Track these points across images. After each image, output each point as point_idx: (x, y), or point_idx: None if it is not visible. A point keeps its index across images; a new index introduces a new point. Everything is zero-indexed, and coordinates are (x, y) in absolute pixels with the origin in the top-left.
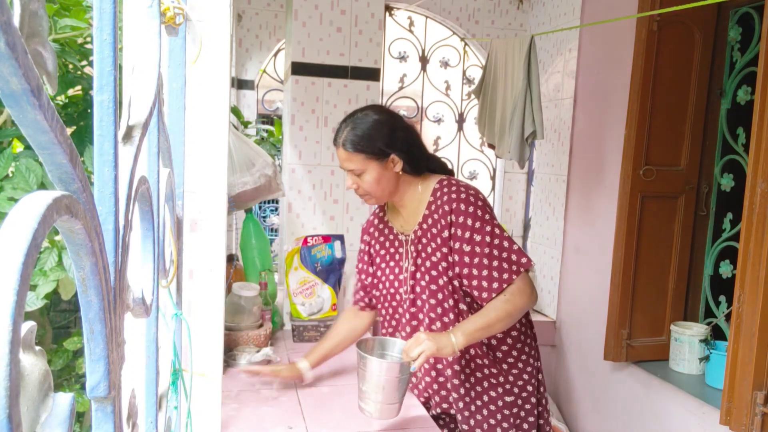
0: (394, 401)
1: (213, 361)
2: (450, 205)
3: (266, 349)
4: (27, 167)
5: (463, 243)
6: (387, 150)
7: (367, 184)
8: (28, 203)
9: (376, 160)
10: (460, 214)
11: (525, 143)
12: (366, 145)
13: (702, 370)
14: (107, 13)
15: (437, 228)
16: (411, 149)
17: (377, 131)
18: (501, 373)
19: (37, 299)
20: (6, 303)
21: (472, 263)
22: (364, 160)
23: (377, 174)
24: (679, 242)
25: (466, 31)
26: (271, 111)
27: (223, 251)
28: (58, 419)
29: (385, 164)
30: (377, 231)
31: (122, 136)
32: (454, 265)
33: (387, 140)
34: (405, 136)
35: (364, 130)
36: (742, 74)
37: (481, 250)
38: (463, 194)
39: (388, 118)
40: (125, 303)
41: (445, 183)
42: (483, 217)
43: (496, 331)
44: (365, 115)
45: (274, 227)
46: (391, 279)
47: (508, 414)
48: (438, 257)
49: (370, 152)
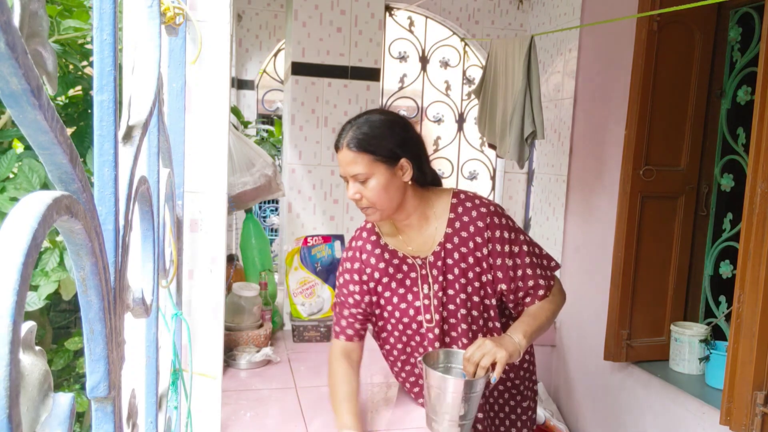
0: (470, 418)
1: (213, 361)
2: (483, 220)
3: (266, 349)
4: (30, 167)
5: (504, 257)
6: (398, 152)
7: (373, 192)
8: (27, 203)
9: (385, 164)
10: (495, 229)
11: (525, 143)
12: (375, 144)
13: (702, 370)
14: (107, 13)
15: (468, 247)
16: (421, 156)
17: (389, 130)
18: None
19: (38, 300)
20: (6, 303)
21: (516, 276)
22: (372, 163)
23: (385, 180)
24: (679, 242)
25: (466, 31)
26: (271, 111)
27: (223, 251)
28: (58, 419)
29: (394, 170)
30: (372, 256)
31: (122, 136)
32: (492, 283)
33: (399, 141)
34: (417, 141)
35: (373, 129)
36: (742, 74)
37: (522, 261)
38: (491, 207)
39: (398, 119)
40: (125, 303)
41: (463, 197)
42: (515, 227)
43: (545, 331)
44: (372, 115)
45: (274, 227)
46: (402, 308)
47: (525, 419)
48: (470, 277)
49: (380, 153)
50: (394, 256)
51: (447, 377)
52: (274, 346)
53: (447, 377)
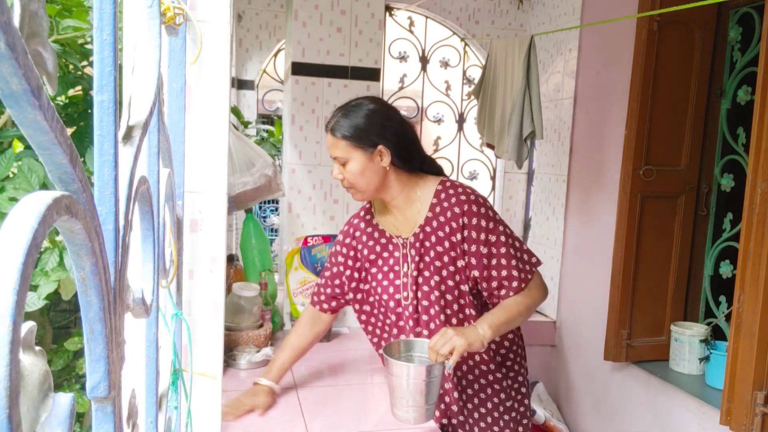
0: (429, 404)
1: (213, 361)
2: (461, 207)
3: (266, 349)
4: (29, 167)
5: (479, 245)
6: (374, 140)
7: (351, 174)
8: (27, 203)
9: (362, 150)
10: (472, 216)
11: (523, 143)
12: (354, 131)
13: (702, 370)
14: (107, 13)
15: (445, 231)
16: (402, 144)
17: (367, 119)
18: (504, 378)
19: (38, 300)
20: (6, 303)
21: (490, 264)
22: (348, 148)
23: (361, 165)
24: (679, 242)
25: (466, 31)
26: (271, 111)
27: (223, 251)
28: (58, 419)
29: (371, 156)
30: (364, 234)
31: (122, 136)
32: (465, 269)
33: (375, 130)
34: (398, 129)
35: (354, 117)
36: (742, 74)
37: (498, 250)
38: (472, 196)
39: (381, 108)
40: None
41: (448, 184)
42: (494, 218)
43: (517, 325)
44: (359, 104)
45: (274, 227)
46: (384, 285)
47: (508, 419)
48: (446, 261)
49: (356, 140)
50: (382, 235)
51: (402, 364)
52: (274, 346)
53: (402, 364)
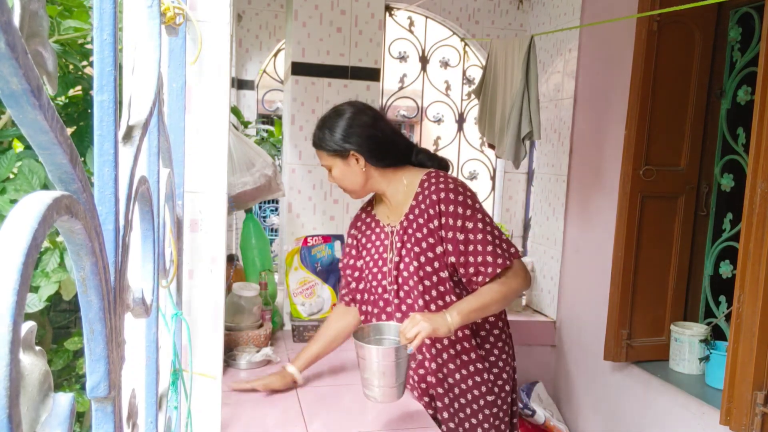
0: (394, 384)
1: (213, 361)
2: (438, 194)
3: (266, 349)
4: (30, 168)
5: (456, 231)
6: (345, 146)
7: (337, 179)
8: (27, 203)
9: (338, 157)
10: (449, 203)
11: (521, 143)
12: (325, 142)
13: (702, 370)
14: (107, 13)
15: (424, 218)
16: (374, 145)
17: (332, 129)
18: (485, 370)
19: (39, 301)
20: (6, 303)
21: (467, 250)
22: (327, 157)
23: (341, 170)
24: (679, 242)
25: (466, 31)
26: (271, 111)
27: (223, 251)
28: (58, 419)
29: (347, 160)
30: (364, 225)
31: (122, 136)
32: (444, 255)
33: (342, 137)
34: (366, 132)
35: (324, 129)
36: (742, 74)
37: (474, 237)
38: (451, 185)
39: (352, 114)
40: (125, 303)
41: (433, 175)
42: (473, 206)
43: (491, 312)
44: (329, 115)
45: (274, 227)
46: (374, 271)
47: (489, 414)
48: (424, 247)
49: (329, 150)
50: (377, 224)
51: (369, 347)
52: (274, 346)
53: (369, 347)
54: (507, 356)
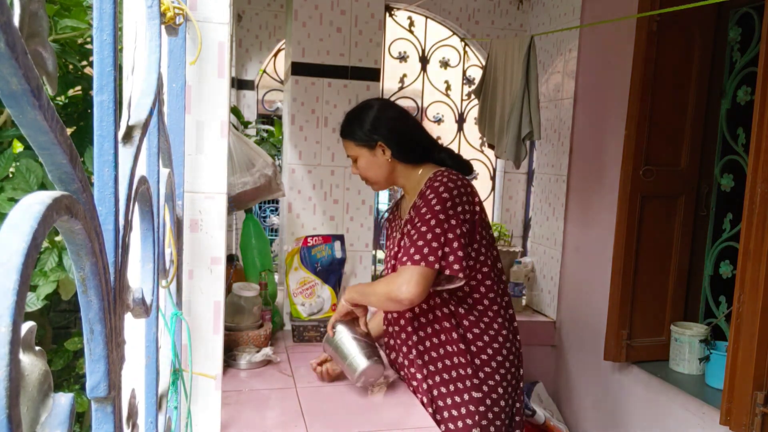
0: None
1: (213, 361)
2: (424, 191)
3: (266, 349)
4: (27, 168)
5: (407, 224)
6: (373, 137)
7: (362, 169)
8: (27, 203)
9: (365, 147)
10: (422, 202)
11: (522, 143)
12: (353, 132)
13: (702, 370)
14: (107, 13)
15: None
16: (401, 138)
17: (363, 120)
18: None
19: (37, 300)
20: (6, 303)
21: (401, 244)
22: (354, 147)
23: (367, 160)
24: (679, 242)
25: (466, 31)
26: (271, 111)
27: (223, 251)
28: (58, 419)
29: (374, 151)
30: (392, 215)
31: (122, 136)
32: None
33: (371, 128)
34: (393, 125)
35: (351, 119)
36: (742, 74)
37: (416, 232)
38: (442, 187)
39: (380, 107)
40: (125, 303)
41: (439, 174)
42: (444, 210)
43: (371, 302)
44: (361, 107)
45: (274, 227)
46: (385, 260)
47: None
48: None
49: (357, 139)
50: (397, 216)
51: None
52: (274, 346)
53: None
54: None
